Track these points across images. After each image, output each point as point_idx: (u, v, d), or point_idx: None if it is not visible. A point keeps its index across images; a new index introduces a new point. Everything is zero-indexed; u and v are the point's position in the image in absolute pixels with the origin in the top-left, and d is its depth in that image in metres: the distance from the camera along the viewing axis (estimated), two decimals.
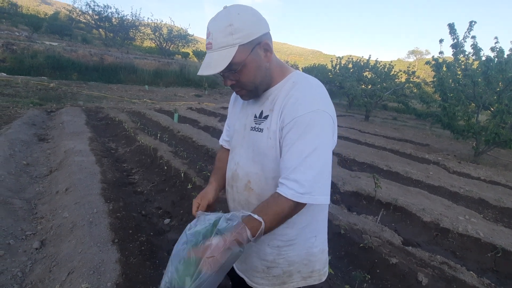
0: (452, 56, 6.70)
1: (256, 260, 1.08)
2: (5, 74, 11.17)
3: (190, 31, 25.82)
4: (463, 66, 6.61)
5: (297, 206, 0.85)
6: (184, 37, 24.86)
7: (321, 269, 1.12)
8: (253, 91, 0.95)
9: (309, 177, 0.82)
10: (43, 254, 2.08)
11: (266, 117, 0.94)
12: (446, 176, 4.78)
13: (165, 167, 3.70)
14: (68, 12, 25.16)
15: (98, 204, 2.56)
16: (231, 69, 0.87)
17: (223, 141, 1.28)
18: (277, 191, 0.86)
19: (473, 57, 6.40)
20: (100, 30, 24.31)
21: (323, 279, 1.13)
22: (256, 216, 0.83)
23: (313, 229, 1.05)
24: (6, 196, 2.70)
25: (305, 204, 0.85)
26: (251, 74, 0.89)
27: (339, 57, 16.22)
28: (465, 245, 2.77)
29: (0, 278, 1.82)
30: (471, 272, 2.24)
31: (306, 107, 0.85)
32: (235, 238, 0.79)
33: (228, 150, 1.24)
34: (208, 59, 0.87)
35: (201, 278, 0.76)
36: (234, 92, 1.09)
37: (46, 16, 29.88)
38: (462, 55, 6.49)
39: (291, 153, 0.85)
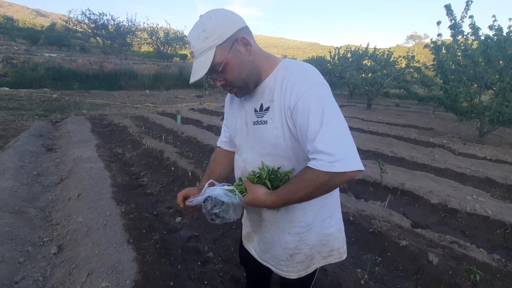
0: (451, 38, 6.64)
1: (279, 250, 1.11)
2: (7, 89, 11.33)
3: (186, 33, 25.80)
4: (462, 47, 6.56)
5: (334, 177, 0.81)
6: (181, 39, 24.85)
7: (340, 247, 1.17)
8: (244, 87, 0.97)
9: (334, 144, 0.81)
10: (61, 258, 2.14)
11: (267, 108, 0.96)
12: (452, 158, 4.77)
13: (173, 168, 3.76)
14: (64, 23, 25.27)
15: (111, 207, 2.62)
16: (215, 70, 0.91)
17: (221, 142, 1.29)
18: (307, 164, 0.86)
19: (472, 37, 6.34)
20: (98, 38, 24.45)
21: (344, 257, 1.18)
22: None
23: (327, 210, 1.09)
24: (20, 206, 2.78)
25: (347, 175, 0.81)
26: (236, 70, 0.92)
27: (337, 47, 16.12)
28: (474, 224, 2.78)
29: (22, 283, 1.89)
30: (481, 249, 2.26)
31: (305, 85, 0.88)
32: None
33: (225, 151, 1.28)
34: (194, 66, 0.93)
35: (237, 202, 0.95)
36: (229, 93, 1.12)
37: (43, 28, 30.06)
38: (460, 36, 6.44)
39: (309, 130, 0.85)
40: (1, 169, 3.54)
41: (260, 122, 0.98)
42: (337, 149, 0.81)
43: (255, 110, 1.00)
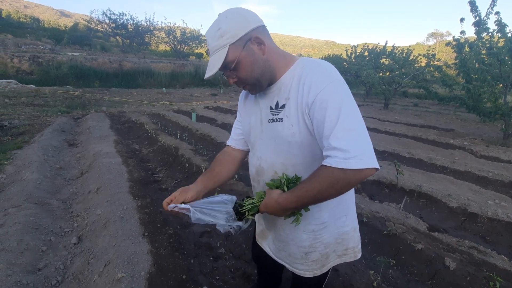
0: (474, 35, 6.35)
1: (294, 248, 1.11)
2: (33, 86, 11.88)
3: (202, 32, 26.11)
4: (487, 45, 6.25)
5: (349, 174, 0.78)
6: (197, 38, 25.19)
7: (355, 246, 1.16)
8: (257, 84, 0.98)
9: (349, 141, 0.79)
10: (81, 249, 2.24)
11: (283, 106, 0.96)
12: (473, 161, 4.59)
13: (187, 165, 3.82)
14: (86, 23, 26.23)
15: (127, 201, 2.71)
16: (227, 68, 0.93)
17: (231, 140, 1.27)
18: (322, 163, 0.84)
19: (498, 35, 6.03)
20: (117, 37, 25.19)
21: (358, 256, 1.17)
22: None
23: (342, 209, 1.08)
24: (44, 198, 2.92)
25: (363, 172, 0.78)
26: (248, 68, 0.93)
27: (354, 45, 15.81)
28: (495, 230, 2.67)
29: (45, 270, 1.99)
30: (502, 256, 2.17)
31: (323, 82, 0.87)
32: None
33: (232, 149, 1.26)
34: (209, 62, 0.96)
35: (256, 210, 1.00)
36: (243, 91, 1.13)
37: (67, 28, 31.33)
38: (485, 33, 6.14)
39: (326, 126, 0.84)
40: (27, 162, 3.73)
41: (275, 120, 0.98)
42: (352, 145, 0.78)
43: (271, 108, 1.00)
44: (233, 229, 0.99)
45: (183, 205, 1.00)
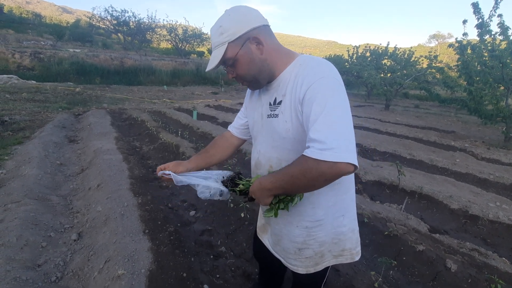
0: (477, 37, 6.34)
1: (287, 242, 1.13)
2: (34, 82, 11.85)
3: (204, 30, 26.09)
4: (489, 47, 6.24)
5: (323, 165, 0.77)
6: (199, 36, 25.15)
7: (353, 248, 1.15)
8: (254, 81, 1.01)
9: (327, 134, 0.78)
10: (81, 245, 2.23)
11: (280, 102, 0.98)
12: (474, 163, 4.58)
13: None
14: (88, 19, 26.18)
15: (128, 198, 2.70)
16: (225, 64, 0.98)
17: (232, 127, 1.33)
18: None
19: (500, 37, 6.02)
20: (119, 34, 25.12)
21: (356, 258, 1.16)
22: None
23: (340, 208, 1.08)
24: (44, 193, 2.91)
25: (338, 166, 0.76)
26: (245, 66, 0.96)
27: (355, 46, 15.80)
28: (496, 232, 2.67)
29: (44, 266, 1.98)
30: (504, 258, 2.17)
31: (314, 77, 0.87)
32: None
33: (230, 135, 1.33)
34: (211, 57, 1.00)
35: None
36: None
37: (68, 25, 31.24)
38: (488, 36, 6.13)
39: (310, 120, 0.84)
40: (27, 158, 3.72)
41: (272, 116, 1.01)
42: (330, 138, 0.77)
43: (270, 104, 1.03)
44: (218, 192, 1.10)
45: (167, 172, 1.18)
